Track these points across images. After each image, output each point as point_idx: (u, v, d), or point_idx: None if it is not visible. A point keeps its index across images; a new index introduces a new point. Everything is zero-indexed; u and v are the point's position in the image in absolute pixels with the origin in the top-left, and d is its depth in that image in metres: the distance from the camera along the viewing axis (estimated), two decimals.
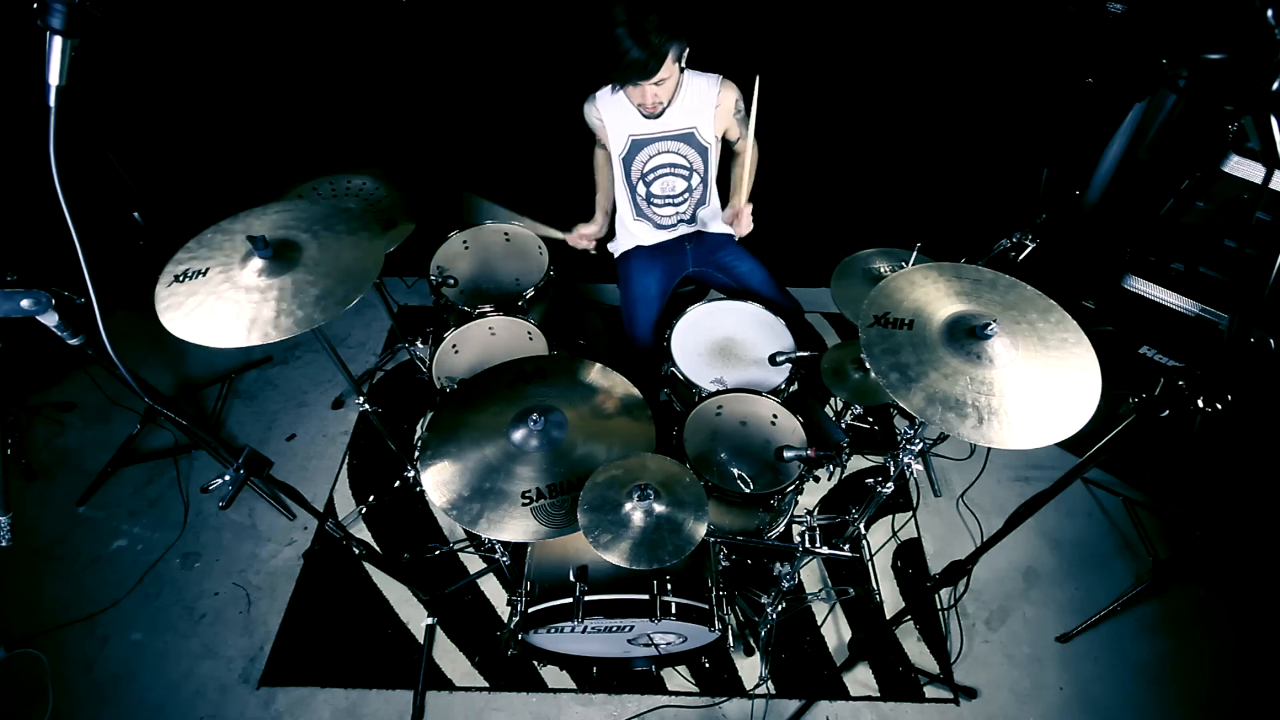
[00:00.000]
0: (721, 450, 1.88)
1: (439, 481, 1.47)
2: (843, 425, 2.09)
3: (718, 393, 1.82)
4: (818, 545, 1.45)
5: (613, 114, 1.98)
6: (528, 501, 1.43)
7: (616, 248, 2.35)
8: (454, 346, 2.10)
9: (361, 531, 2.43)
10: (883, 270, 1.98)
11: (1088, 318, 2.25)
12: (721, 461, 1.84)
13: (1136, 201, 2.05)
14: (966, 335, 1.34)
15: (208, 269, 1.40)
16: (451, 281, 2.17)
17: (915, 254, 1.88)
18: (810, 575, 2.29)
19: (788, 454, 1.56)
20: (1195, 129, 1.83)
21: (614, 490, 1.37)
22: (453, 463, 1.50)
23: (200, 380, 2.87)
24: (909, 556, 2.33)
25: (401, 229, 2.12)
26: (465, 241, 2.41)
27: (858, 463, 2.57)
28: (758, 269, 2.22)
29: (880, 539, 2.36)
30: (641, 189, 2.10)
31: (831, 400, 2.50)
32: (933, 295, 1.40)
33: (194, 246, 1.46)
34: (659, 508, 1.34)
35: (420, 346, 2.47)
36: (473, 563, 2.33)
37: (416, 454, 2.62)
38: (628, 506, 1.34)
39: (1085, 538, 2.40)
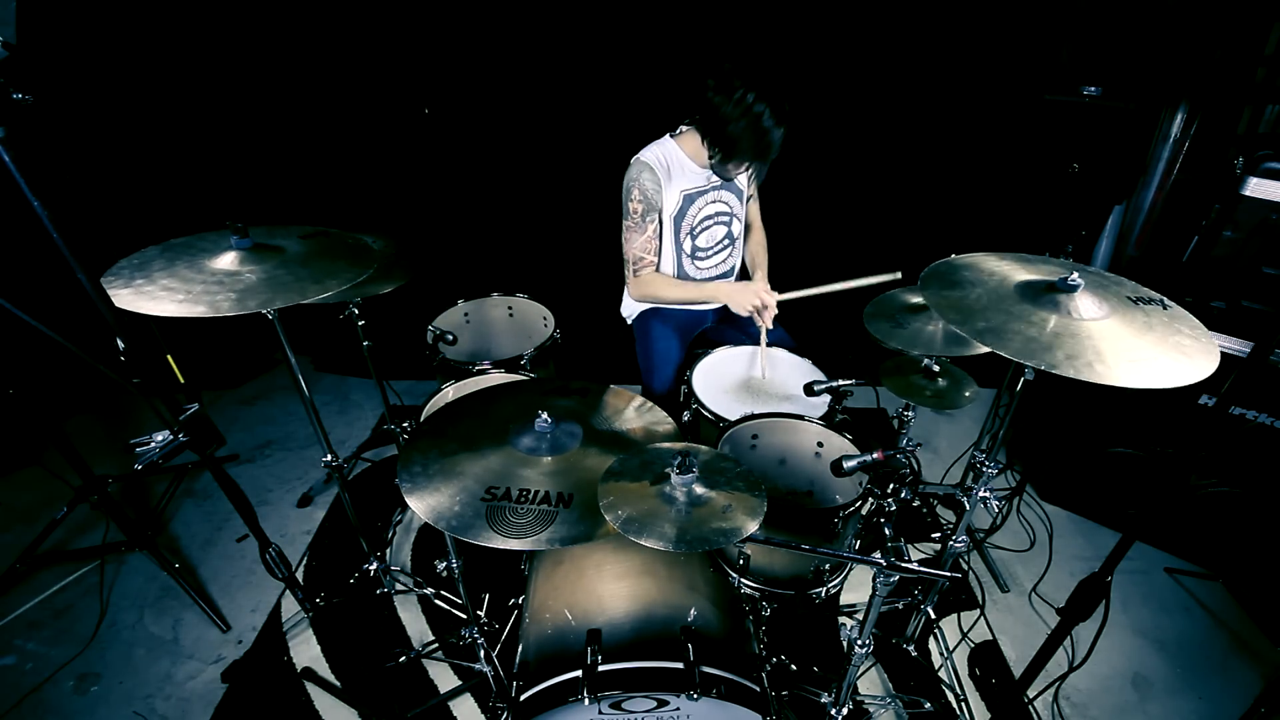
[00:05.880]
0: None
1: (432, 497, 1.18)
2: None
3: (750, 417, 1.58)
4: (907, 560, 1.13)
5: (670, 171, 1.90)
6: (539, 503, 1.14)
7: (632, 310, 2.23)
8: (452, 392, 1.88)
9: (309, 642, 1.97)
10: (912, 301, 1.81)
11: None
12: None
13: (1158, 249, 2.01)
14: (1045, 291, 1.24)
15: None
16: (450, 338, 2.01)
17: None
18: (867, 684, 1.84)
19: (848, 464, 1.30)
20: (1203, 164, 1.85)
21: (657, 458, 1.12)
22: (453, 471, 1.23)
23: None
24: (987, 661, 1.90)
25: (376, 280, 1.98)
26: (467, 314, 2.30)
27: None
28: (777, 329, 2.08)
29: (948, 642, 1.95)
30: (688, 244, 2.02)
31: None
32: (1002, 271, 1.34)
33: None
34: (700, 489, 1.07)
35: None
36: (443, 676, 1.87)
37: (391, 534, 2.29)
38: (665, 486, 1.07)
39: (1190, 635, 1.99)
